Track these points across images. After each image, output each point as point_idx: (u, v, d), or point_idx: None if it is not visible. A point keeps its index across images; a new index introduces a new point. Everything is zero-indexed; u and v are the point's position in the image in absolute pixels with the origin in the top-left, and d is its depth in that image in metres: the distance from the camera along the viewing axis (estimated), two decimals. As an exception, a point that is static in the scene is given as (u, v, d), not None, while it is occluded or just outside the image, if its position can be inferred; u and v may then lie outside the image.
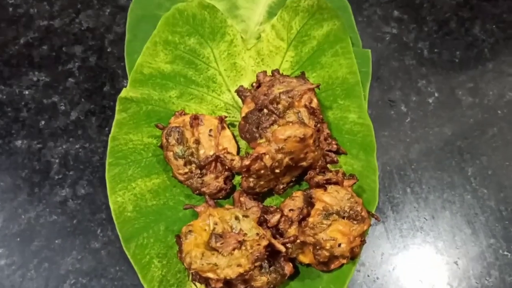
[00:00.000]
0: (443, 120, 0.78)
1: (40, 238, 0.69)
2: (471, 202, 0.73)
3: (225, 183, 0.68)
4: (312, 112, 0.67)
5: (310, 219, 0.62)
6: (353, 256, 0.64)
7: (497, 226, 0.71)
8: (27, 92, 0.78)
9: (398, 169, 0.75)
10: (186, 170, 0.67)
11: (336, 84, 0.74)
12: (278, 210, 0.65)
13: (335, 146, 0.69)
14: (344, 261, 0.63)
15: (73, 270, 0.68)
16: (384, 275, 0.69)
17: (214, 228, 0.61)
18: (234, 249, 0.59)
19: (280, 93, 0.66)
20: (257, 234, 0.60)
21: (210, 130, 0.68)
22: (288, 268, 0.62)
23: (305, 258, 0.64)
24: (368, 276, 0.69)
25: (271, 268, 0.61)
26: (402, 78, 0.81)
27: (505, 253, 0.70)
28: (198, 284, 0.63)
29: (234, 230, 0.61)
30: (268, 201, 0.70)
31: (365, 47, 0.80)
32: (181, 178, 0.67)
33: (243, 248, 0.59)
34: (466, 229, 0.71)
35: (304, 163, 0.66)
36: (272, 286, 0.62)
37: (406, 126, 0.78)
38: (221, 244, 0.59)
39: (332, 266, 0.64)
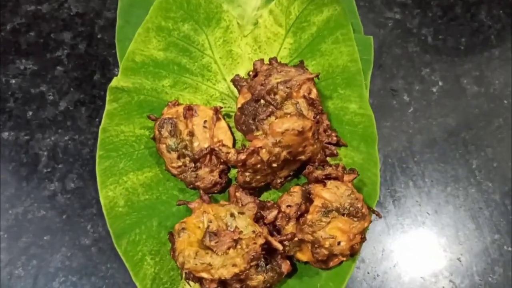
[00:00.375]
0: (447, 110, 0.76)
1: (28, 234, 0.68)
2: (476, 196, 0.71)
3: (220, 177, 0.66)
4: (311, 103, 0.65)
5: (309, 216, 0.60)
6: (353, 253, 0.62)
7: (502, 221, 0.70)
8: (13, 81, 0.76)
9: (400, 161, 0.73)
10: (180, 163, 0.65)
11: (336, 72, 0.72)
12: (275, 206, 0.63)
13: (335, 138, 0.68)
14: (344, 258, 0.61)
15: (62, 268, 0.67)
16: (385, 272, 0.68)
17: (208, 226, 0.59)
18: (229, 248, 0.57)
19: (277, 83, 0.65)
20: (253, 231, 0.59)
21: (205, 121, 0.66)
22: (285, 266, 0.61)
23: (303, 256, 0.62)
24: (368, 273, 0.67)
25: (267, 267, 0.60)
26: (405, 66, 0.79)
27: (510, 249, 0.68)
28: (192, 283, 0.61)
29: (229, 228, 0.59)
30: (265, 196, 0.69)
31: (367, 34, 0.78)
32: (175, 171, 0.66)
33: (239, 247, 0.57)
34: (470, 224, 0.70)
35: (302, 157, 0.64)
36: (268, 285, 0.60)
37: (409, 116, 0.76)
38: (216, 242, 0.58)
39: (331, 264, 0.62)
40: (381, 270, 0.68)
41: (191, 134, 0.65)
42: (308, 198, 0.62)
